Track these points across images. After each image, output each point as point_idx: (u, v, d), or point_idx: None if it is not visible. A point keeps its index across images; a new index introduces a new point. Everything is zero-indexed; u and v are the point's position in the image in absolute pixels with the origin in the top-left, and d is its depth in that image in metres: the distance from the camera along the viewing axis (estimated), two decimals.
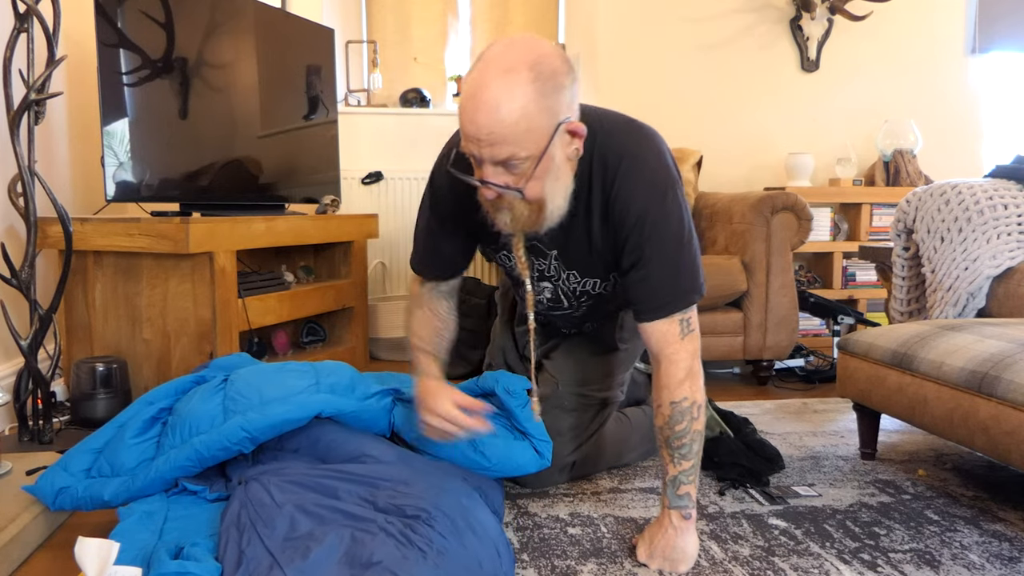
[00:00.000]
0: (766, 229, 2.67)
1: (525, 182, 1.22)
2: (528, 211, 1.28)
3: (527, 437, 1.54)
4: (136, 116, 2.23)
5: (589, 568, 1.34)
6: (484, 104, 1.16)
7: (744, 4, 3.63)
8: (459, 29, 3.73)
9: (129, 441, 1.47)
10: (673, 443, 1.33)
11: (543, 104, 1.17)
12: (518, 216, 1.28)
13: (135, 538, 1.23)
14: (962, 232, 2.21)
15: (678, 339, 1.33)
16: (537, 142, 1.19)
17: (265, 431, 1.43)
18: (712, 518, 1.56)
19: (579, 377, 1.71)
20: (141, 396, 1.59)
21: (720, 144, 3.66)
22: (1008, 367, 1.44)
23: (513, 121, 1.16)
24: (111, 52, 2.16)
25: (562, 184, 1.29)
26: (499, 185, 1.22)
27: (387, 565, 1.09)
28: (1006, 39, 3.84)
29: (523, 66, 1.16)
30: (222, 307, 2.21)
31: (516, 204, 1.26)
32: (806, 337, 3.46)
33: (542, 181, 1.24)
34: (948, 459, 1.93)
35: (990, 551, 1.41)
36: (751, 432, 1.96)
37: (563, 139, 1.24)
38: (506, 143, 1.18)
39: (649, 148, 1.37)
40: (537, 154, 1.20)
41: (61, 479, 1.43)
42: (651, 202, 1.33)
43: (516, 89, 1.15)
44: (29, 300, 1.87)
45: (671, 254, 1.34)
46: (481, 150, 1.20)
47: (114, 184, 2.18)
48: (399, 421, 1.58)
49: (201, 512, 1.36)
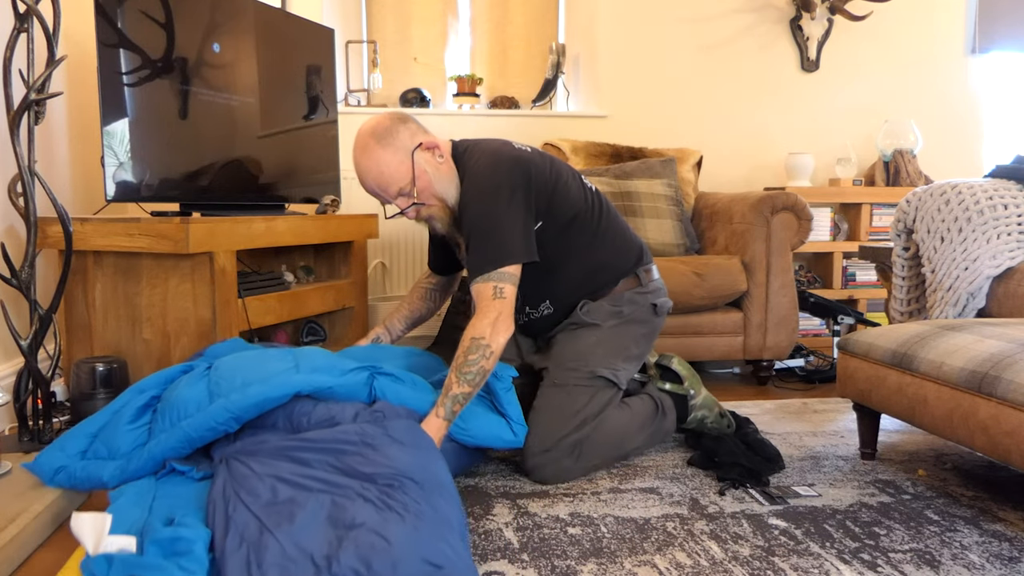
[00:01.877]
0: (766, 229, 2.67)
1: (421, 195, 1.75)
2: (440, 211, 1.79)
3: (506, 418, 1.74)
4: (136, 116, 2.23)
5: (589, 568, 1.34)
6: (362, 172, 1.76)
7: (744, 4, 3.63)
8: (459, 29, 3.73)
9: (124, 427, 1.58)
10: (463, 368, 1.60)
11: (391, 150, 1.73)
12: (439, 217, 1.80)
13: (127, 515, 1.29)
14: (962, 232, 2.21)
15: (490, 298, 1.66)
16: (405, 172, 1.74)
17: (248, 410, 1.53)
18: (712, 518, 1.56)
19: (565, 354, 1.86)
20: (132, 385, 1.69)
21: (720, 144, 3.66)
22: (1008, 367, 1.45)
23: (379, 172, 1.74)
24: (111, 52, 2.16)
25: (446, 180, 1.78)
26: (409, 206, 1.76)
27: (370, 526, 1.19)
28: (1006, 39, 3.84)
29: (367, 137, 1.74)
30: (222, 307, 2.21)
31: (432, 211, 1.78)
32: (806, 337, 3.47)
33: (430, 187, 1.75)
34: (948, 459, 1.93)
35: (990, 551, 1.41)
36: (753, 431, 1.96)
37: (423, 156, 1.76)
38: (390, 184, 1.74)
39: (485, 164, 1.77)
40: (411, 177, 1.74)
41: (58, 459, 1.54)
42: (473, 201, 1.75)
43: (371, 154, 1.74)
44: (29, 300, 1.87)
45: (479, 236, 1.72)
46: (382, 197, 1.78)
47: (114, 184, 2.18)
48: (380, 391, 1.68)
49: (188, 490, 1.43)
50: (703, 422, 1.99)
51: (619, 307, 1.89)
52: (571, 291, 1.89)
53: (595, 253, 1.88)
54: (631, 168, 3.00)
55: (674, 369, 2.01)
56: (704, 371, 3.03)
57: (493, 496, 1.68)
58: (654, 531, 1.49)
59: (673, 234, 2.87)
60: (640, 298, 1.92)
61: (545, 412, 1.78)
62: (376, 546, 1.14)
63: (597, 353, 1.84)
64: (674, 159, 3.08)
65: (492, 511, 1.60)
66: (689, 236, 2.92)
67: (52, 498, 1.49)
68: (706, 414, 1.99)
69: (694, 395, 1.98)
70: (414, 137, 1.76)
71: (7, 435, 2.03)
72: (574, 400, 1.78)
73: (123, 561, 1.09)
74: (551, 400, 1.79)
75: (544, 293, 1.89)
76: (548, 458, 1.73)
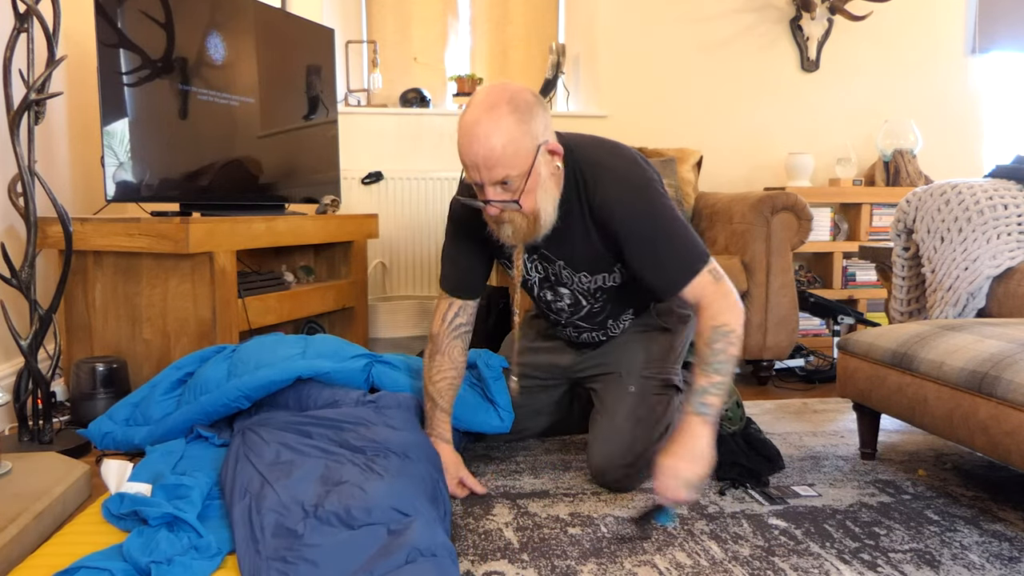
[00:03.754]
0: (766, 229, 2.67)
1: (520, 196, 1.45)
2: (524, 222, 1.50)
3: (494, 405, 1.82)
4: (136, 116, 2.23)
5: (589, 568, 1.34)
6: (477, 137, 1.41)
7: (744, 4, 3.63)
8: (459, 29, 3.73)
9: (158, 398, 1.82)
10: (709, 359, 1.47)
11: (523, 129, 1.42)
12: (518, 228, 1.51)
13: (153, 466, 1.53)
14: (962, 232, 2.21)
15: (713, 285, 1.51)
16: (524, 161, 1.43)
17: (256, 390, 1.73)
18: (712, 518, 1.56)
19: (640, 360, 1.77)
20: (173, 362, 1.96)
21: (720, 144, 3.66)
22: (1008, 367, 1.45)
23: (502, 146, 1.40)
24: (111, 52, 2.16)
25: (550, 196, 1.52)
26: (499, 201, 1.45)
27: (354, 482, 1.37)
28: (1006, 39, 3.84)
29: (503, 102, 1.42)
30: (222, 307, 2.21)
31: (515, 217, 1.49)
32: (806, 337, 3.46)
33: (534, 194, 1.47)
34: (948, 459, 1.93)
35: (990, 551, 1.41)
36: (756, 431, 1.96)
37: (544, 158, 1.48)
38: (500, 165, 1.42)
39: (617, 156, 1.60)
40: (525, 171, 1.44)
41: (106, 426, 1.80)
42: (632, 199, 1.54)
43: (501, 121, 1.40)
44: (29, 300, 1.87)
45: (666, 234, 1.54)
46: (481, 175, 1.43)
47: (114, 184, 2.18)
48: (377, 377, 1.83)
49: (208, 453, 1.65)
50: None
51: (682, 308, 1.81)
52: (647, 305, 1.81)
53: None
54: None
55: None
56: None
57: (493, 496, 1.68)
58: (654, 531, 1.49)
59: None
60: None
61: (627, 422, 1.69)
62: (355, 495, 1.32)
63: (669, 359, 1.79)
64: (674, 159, 3.08)
65: (492, 511, 1.60)
66: None
67: (52, 498, 1.49)
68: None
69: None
70: (548, 130, 1.49)
71: (7, 435, 2.02)
72: (654, 409, 1.71)
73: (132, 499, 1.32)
74: (631, 409, 1.70)
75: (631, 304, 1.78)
76: (631, 471, 1.66)
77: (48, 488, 1.53)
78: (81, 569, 1.10)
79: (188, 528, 1.23)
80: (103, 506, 1.34)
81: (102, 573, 1.10)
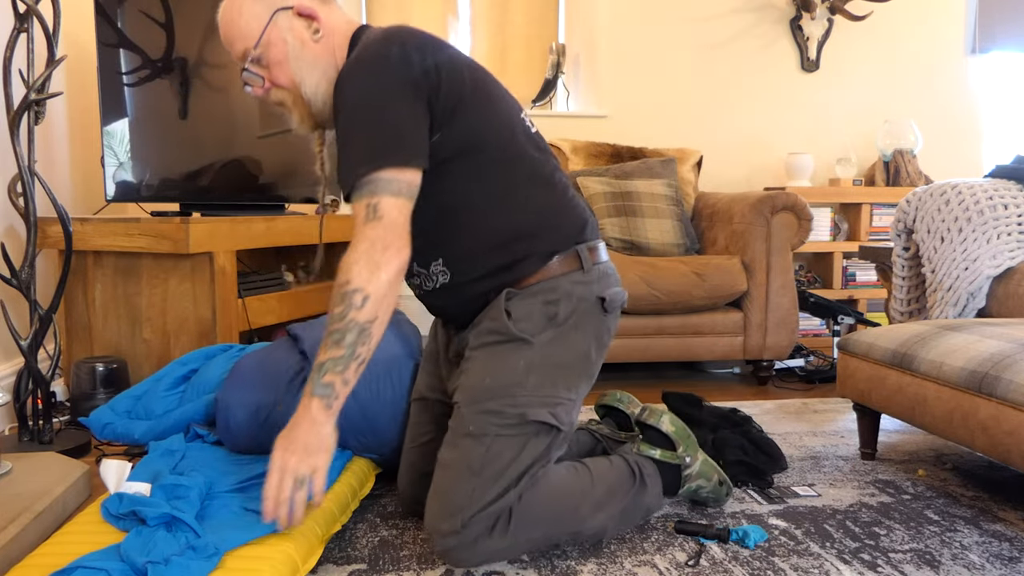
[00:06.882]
0: (766, 229, 2.67)
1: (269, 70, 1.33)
2: (293, 101, 1.35)
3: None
4: (136, 116, 2.23)
5: (589, 568, 1.34)
6: (219, 19, 1.35)
7: (744, 4, 3.63)
8: (459, 29, 3.73)
9: (161, 393, 1.79)
10: (329, 327, 1.18)
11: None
12: (293, 111, 1.36)
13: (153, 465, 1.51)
14: (962, 232, 2.21)
15: (362, 223, 1.21)
16: (254, 28, 1.31)
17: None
18: (712, 518, 1.56)
19: (484, 385, 1.30)
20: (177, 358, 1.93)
21: (720, 144, 3.66)
22: (1008, 367, 1.45)
23: (230, 18, 1.32)
24: (111, 52, 2.16)
25: (312, 67, 1.33)
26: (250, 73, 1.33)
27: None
28: (1006, 39, 3.84)
29: None
30: (222, 307, 2.21)
31: (283, 97, 1.35)
32: (806, 337, 3.47)
33: (285, 66, 1.32)
34: (948, 459, 1.93)
35: (990, 551, 1.41)
36: (758, 430, 1.95)
37: (288, 23, 1.32)
38: (233, 40, 1.33)
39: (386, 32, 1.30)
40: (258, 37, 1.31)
41: (107, 416, 1.76)
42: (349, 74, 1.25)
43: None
44: (29, 300, 1.87)
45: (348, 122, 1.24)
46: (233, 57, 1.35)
47: (114, 184, 2.18)
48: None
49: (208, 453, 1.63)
50: (697, 492, 1.56)
51: (554, 306, 1.33)
52: (476, 251, 1.34)
53: (517, 203, 1.34)
54: (631, 168, 3.00)
55: (663, 431, 1.51)
56: (704, 371, 3.03)
57: None
58: (654, 531, 1.49)
59: (673, 234, 2.87)
60: (581, 289, 1.35)
61: (454, 473, 1.26)
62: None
63: (528, 383, 1.29)
64: (674, 159, 3.08)
65: None
66: (689, 236, 2.92)
67: (52, 498, 1.49)
68: (703, 484, 1.54)
69: (690, 462, 1.51)
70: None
71: (7, 435, 2.02)
72: (495, 456, 1.25)
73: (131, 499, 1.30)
74: (463, 455, 1.26)
75: (435, 246, 1.36)
76: (462, 539, 1.22)
77: (48, 488, 1.53)
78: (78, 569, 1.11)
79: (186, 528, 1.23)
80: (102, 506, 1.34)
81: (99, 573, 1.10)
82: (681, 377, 2.92)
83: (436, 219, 1.33)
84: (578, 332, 1.35)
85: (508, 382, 1.29)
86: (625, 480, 1.41)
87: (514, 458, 1.26)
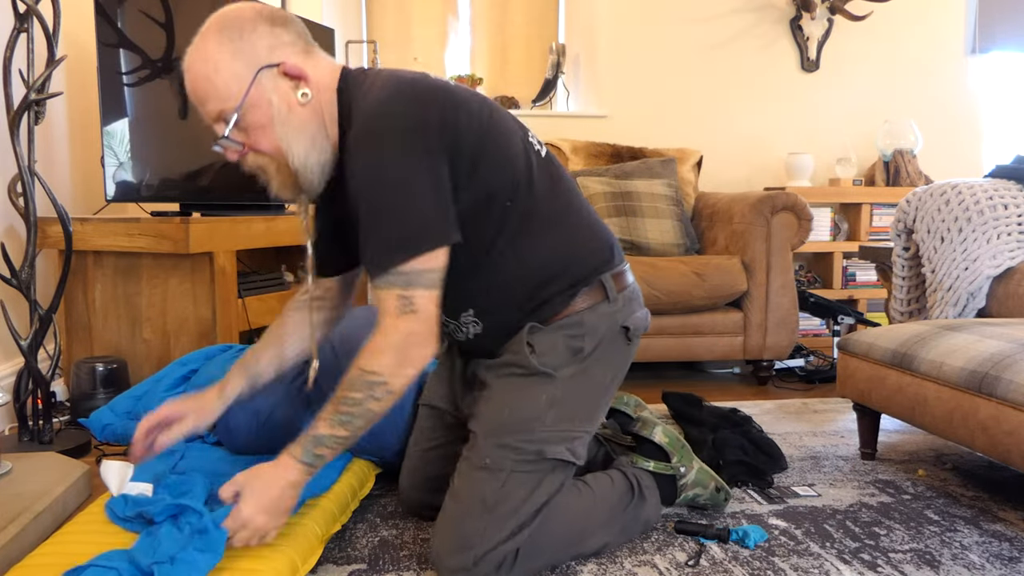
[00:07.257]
0: (766, 229, 2.67)
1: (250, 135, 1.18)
2: (276, 168, 1.22)
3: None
4: (136, 116, 2.23)
5: (589, 568, 1.34)
6: (186, 70, 1.18)
7: (744, 4, 3.63)
8: (459, 29, 3.73)
9: (161, 393, 1.78)
10: (341, 407, 1.15)
11: (230, 50, 1.15)
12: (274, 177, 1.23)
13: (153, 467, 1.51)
14: (962, 232, 2.21)
15: (394, 314, 1.15)
16: (234, 90, 1.16)
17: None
18: (712, 518, 1.56)
19: (501, 419, 1.27)
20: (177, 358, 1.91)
21: (720, 144, 3.66)
22: (1008, 367, 1.45)
23: (205, 75, 1.16)
24: (111, 52, 2.16)
25: (299, 132, 1.20)
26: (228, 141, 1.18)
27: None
28: (1006, 39, 3.84)
29: (211, 25, 1.17)
30: (222, 307, 2.21)
31: (265, 164, 1.22)
32: (806, 337, 3.47)
33: (269, 130, 1.18)
34: (948, 459, 1.93)
35: (990, 551, 1.41)
36: (758, 430, 1.95)
37: (274, 83, 1.18)
38: (209, 99, 1.17)
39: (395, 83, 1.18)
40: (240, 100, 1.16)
41: (107, 417, 1.77)
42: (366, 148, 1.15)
43: (203, 47, 1.16)
44: (29, 300, 1.87)
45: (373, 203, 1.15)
46: (203, 115, 1.20)
47: (114, 184, 2.18)
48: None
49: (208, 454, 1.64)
50: (695, 500, 1.57)
51: (579, 342, 1.30)
52: (503, 302, 1.31)
53: (543, 247, 1.30)
54: (631, 168, 3.00)
55: (656, 442, 1.53)
56: (704, 371, 3.03)
57: None
58: (654, 531, 1.49)
59: (673, 234, 2.87)
60: (606, 322, 1.33)
61: (466, 507, 1.23)
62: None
63: (548, 418, 1.27)
64: (674, 159, 3.08)
65: None
66: (689, 236, 2.92)
67: (52, 498, 1.49)
68: (699, 492, 1.55)
69: (684, 471, 1.53)
70: (275, 51, 1.18)
71: (7, 435, 2.03)
72: (510, 492, 1.23)
73: (136, 500, 1.31)
74: (477, 489, 1.24)
75: (463, 297, 1.31)
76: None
77: (48, 488, 1.53)
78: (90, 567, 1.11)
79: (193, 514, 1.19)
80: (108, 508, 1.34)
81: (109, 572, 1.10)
82: (681, 377, 2.92)
83: (462, 270, 1.25)
84: (601, 365, 1.34)
85: (528, 416, 1.27)
86: (625, 496, 1.42)
87: (528, 496, 1.24)
